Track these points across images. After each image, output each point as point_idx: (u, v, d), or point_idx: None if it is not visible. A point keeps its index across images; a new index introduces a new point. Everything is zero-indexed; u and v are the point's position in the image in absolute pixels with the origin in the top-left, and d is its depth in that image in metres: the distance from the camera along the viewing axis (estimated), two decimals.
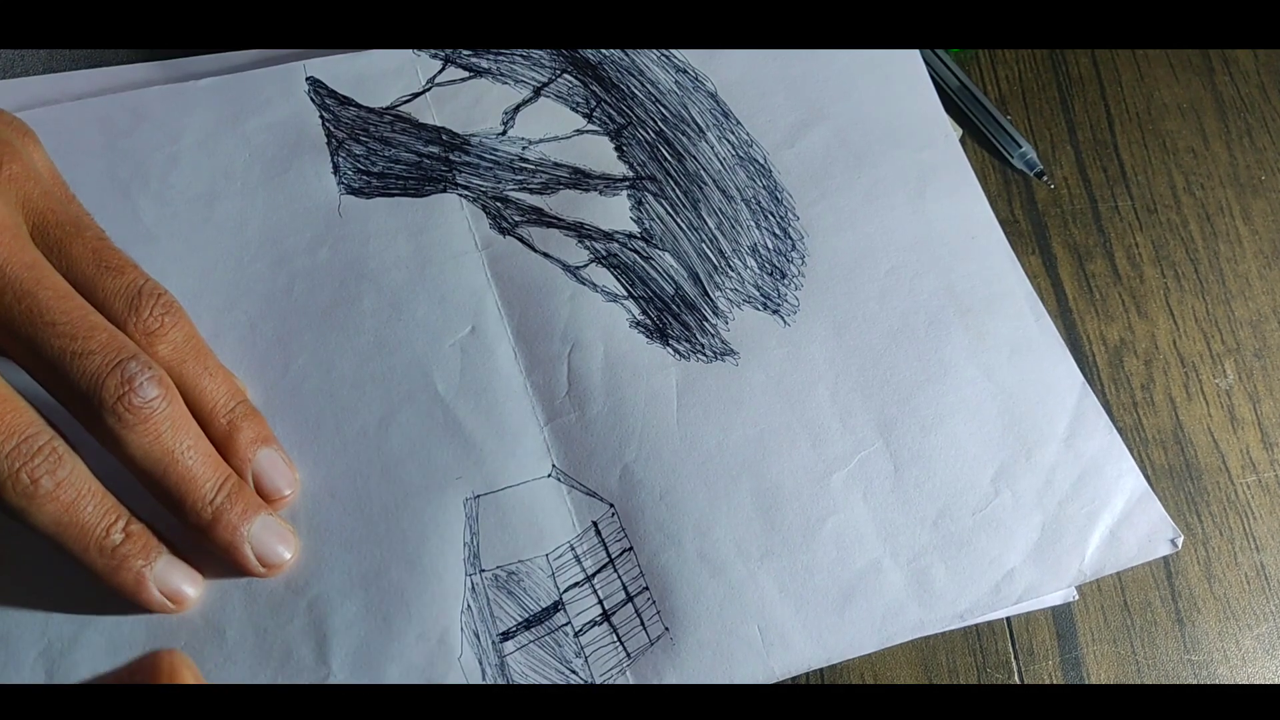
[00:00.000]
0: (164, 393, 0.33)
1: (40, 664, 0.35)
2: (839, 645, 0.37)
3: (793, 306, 0.43)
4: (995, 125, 0.47)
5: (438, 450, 0.39)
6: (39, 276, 0.32)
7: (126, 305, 0.34)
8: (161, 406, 0.32)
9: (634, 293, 0.42)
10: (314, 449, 0.38)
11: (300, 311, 0.40)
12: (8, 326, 0.31)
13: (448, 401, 0.40)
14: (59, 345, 0.31)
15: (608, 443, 0.39)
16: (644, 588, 0.37)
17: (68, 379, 0.31)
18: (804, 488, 0.39)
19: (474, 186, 0.44)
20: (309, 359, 0.40)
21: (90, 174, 0.42)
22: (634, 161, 0.45)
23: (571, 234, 0.43)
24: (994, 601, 0.38)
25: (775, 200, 0.45)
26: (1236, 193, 0.48)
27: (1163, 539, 0.39)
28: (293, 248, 0.41)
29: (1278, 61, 0.51)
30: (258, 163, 0.43)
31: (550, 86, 0.46)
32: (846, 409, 0.41)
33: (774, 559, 0.38)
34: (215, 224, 0.42)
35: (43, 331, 0.31)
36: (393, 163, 0.44)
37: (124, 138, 0.43)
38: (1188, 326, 0.45)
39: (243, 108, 0.44)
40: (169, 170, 0.43)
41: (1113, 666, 0.39)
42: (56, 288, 0.32)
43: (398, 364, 0.40)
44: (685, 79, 0.47)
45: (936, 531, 0.39)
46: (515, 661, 0.36)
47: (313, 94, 0.45)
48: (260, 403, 0.39)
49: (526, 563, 0.37)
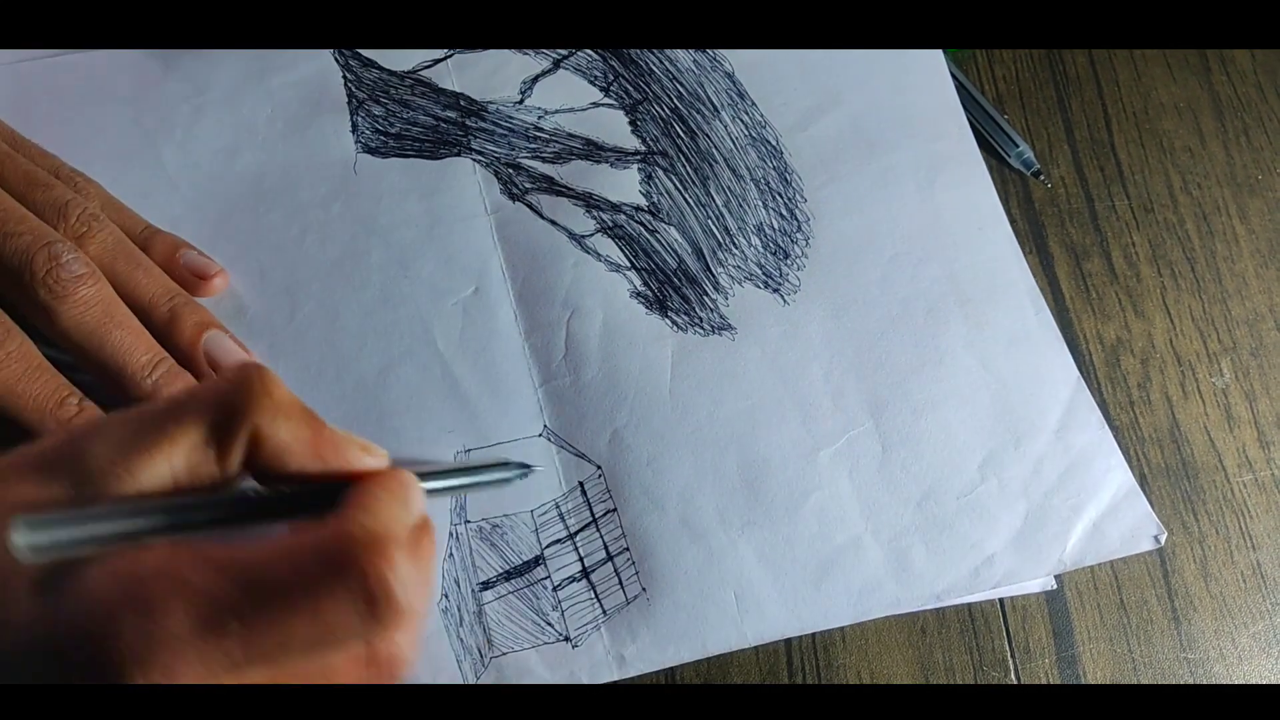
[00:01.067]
0: (91, 272, 0.36)
1: None
2: (813, 616, 0.38)
3: (793, 286, 0.43)
4: (992, 125, 0.48)
5: (434, 404, 0.40)
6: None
7: (55, 214, 0.37)
8: (91, 283, 0.36)
9: (637, 264, 0.43)
10: (313, 396, 0.40)
11: (310, 262, 0.42)
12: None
13: (447, 358, 0.41)
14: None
15: (600, 407, 0.40)
16: (624, 549, 0.38)
17: (1, 260, 0.34)
18: (791, 462, 0.40)
19: (488, 152, 0.45)
20: (315, 308, 0.41)
21: (118, 121, 0.44)
22: (647, 136, 0.46)
23: (580, 203, 0.44)
24: (972, 584, 0.38)
25: (784, 182, 0.46)
26: (1233, 192, 0.48)
27: (1146, 535, 0.39)
28: (307, 200, 0.43)
29: (1274, 61, 0.51)
30: (280, 118, 0.44)
31: (570, 60, 0.47)
32: (839, 389, 0.41)
33: (755, 529, 0.39)
34: (235, 174, 0.43)
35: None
36: (410, 125, 0.45)
37: (153, 88, 0.45)
38: (1184, 325, 0.45)
39: (269, 65, 0.46)
40: (194, 121, 0.44)
41: (1109, 664, 0.40)
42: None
43: (401, 319, 0.41)
44: (704, 58, 0.48)
45: (920, 513, 0.39)
46: (493, 610, 0.37)
47: (337, 55, 0.46)
48: (264, 348, 0.40)
49: (511, 517, 0.39)
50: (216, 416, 0.26)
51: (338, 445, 0.28)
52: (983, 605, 0.40)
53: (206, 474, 0.26)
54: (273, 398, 0.27)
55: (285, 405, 0.27)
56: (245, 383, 0.27)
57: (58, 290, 0.35)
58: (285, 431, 0.27)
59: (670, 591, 0.38)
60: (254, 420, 0.26)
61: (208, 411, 0.26)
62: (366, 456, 0.29)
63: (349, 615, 0.24)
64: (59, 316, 0.35)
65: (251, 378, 0.27)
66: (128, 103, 0.44)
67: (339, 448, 0.28)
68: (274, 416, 0.27)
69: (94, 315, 0.36)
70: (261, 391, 0.27)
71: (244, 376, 0.27)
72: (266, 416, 0.26)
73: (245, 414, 0.26)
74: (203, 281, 0.41)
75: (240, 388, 0.27)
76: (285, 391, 0.27)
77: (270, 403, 0.27)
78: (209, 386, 0.27)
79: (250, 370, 0.27)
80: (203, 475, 0.26)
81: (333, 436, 0.28)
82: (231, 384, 0.27)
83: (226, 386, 0.27)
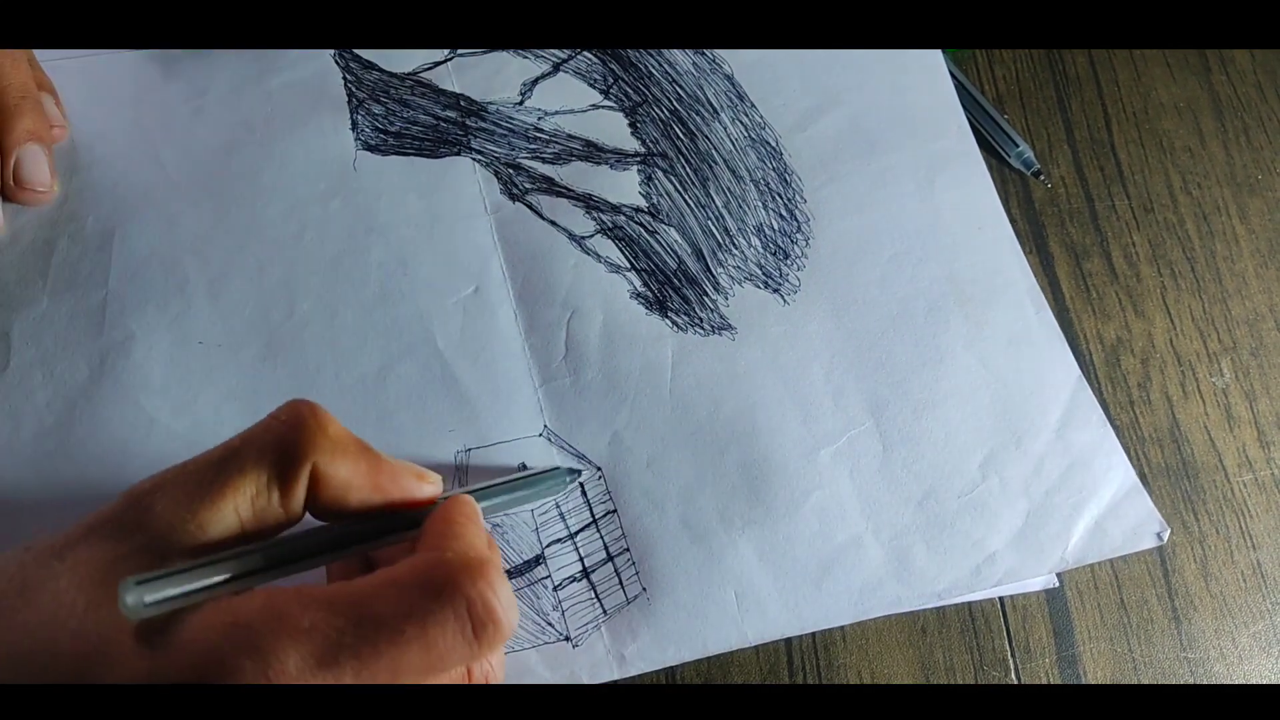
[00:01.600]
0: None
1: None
2: (814, 615, 0.38)
3: (793, 286, 0.43)
4: (992, 125, 0.48)
5: (433, 403, 0.40)
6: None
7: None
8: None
9: (637, 265, 0.44)
10: (312, 393, 0.40)
11: (308, 258, 0.42)
12: None
13: (447, 357, 0.41)
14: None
15: (600, 408, 0.40)
16: (625, 549, 0.38)
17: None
18: (791, 462, 0.40)
19: (488, 152, 0.45)
20: (314, 305, 0.41)
21: (119, 122, 0.44)
22: (647, 138, 0.46)
23: (580, 204, 0.44)
24: (973, 583, 0.38)
25: (784, 182, 0.46)
26: (1233, 192, 0.48)
27: (1149, 532, 0.39)
28: (305, 196, 0.43)
29: (1274, 61, 0.51)
30: (278, 116, 0.45)
31: (570, 62, 0.48)
32: (840, 388, 0.41)
33: (756, 529, 0.39)
34: (232, 172, 0.43)
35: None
36: (410, 124, 0.45)
37: (153, 91, 0.45)
38: (1184, 325, 0.45)
39: (269, 66, 0.46)
40: (193, 122, 0.44)
41: (1109, 664, 0.40)
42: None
43: (400, 317, 0.41)
44: (703, 60, 0.48)
45: (921, 512, 0.39)
46: None
47: (338, 57, 0.46)
48: (262, 344, 0.40)
49: (511, 516, 0.38)
50: (276, 459, 0.27)
51: (396, 476, 0.29)
52: (983, 605, 0.40)
53: (272, 517, 0.27)
54: (328, 435, 0.27)
55: (341, 442, 0.28)
56: (300, 423, 0.27)
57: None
58: (345, 469, 0.28)
59: (670, 591, 0.38)
60: (313, 460, 0.27)
61: (267, 455, 0.27)
62: (424, 485, 0.30)
63: (456, 640, 0.25)
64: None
65: (305, 416, 0.28)
66: (128, 105, 0.44)
67: (397, 478, 0.29)
68: (332, 455, 0.27)
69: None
70: (317, 429, 0.27)
71: (298, 416, 0.28)
72: (325, 456, 0.27)
73: (304, 455, 0.27)
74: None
75: (296, 428, 0.27)
76: (339, 427, 0.28)
77: (327, 441, 0.27)
78: (264, 430, 0.27)
79: (302, 409, 0.28)
80: (269, 519, 0.27)
81: (390, 468, 0.29)
82: (286, 425, 0.27)
83: (282, 428, 0.27)
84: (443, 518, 0.29)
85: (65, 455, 0.38)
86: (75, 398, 0.39)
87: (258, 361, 0.40)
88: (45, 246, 0.41)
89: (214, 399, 0.39)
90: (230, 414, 0.39)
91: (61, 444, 0.38)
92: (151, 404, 0.39)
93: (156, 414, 0.39)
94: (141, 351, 0.40)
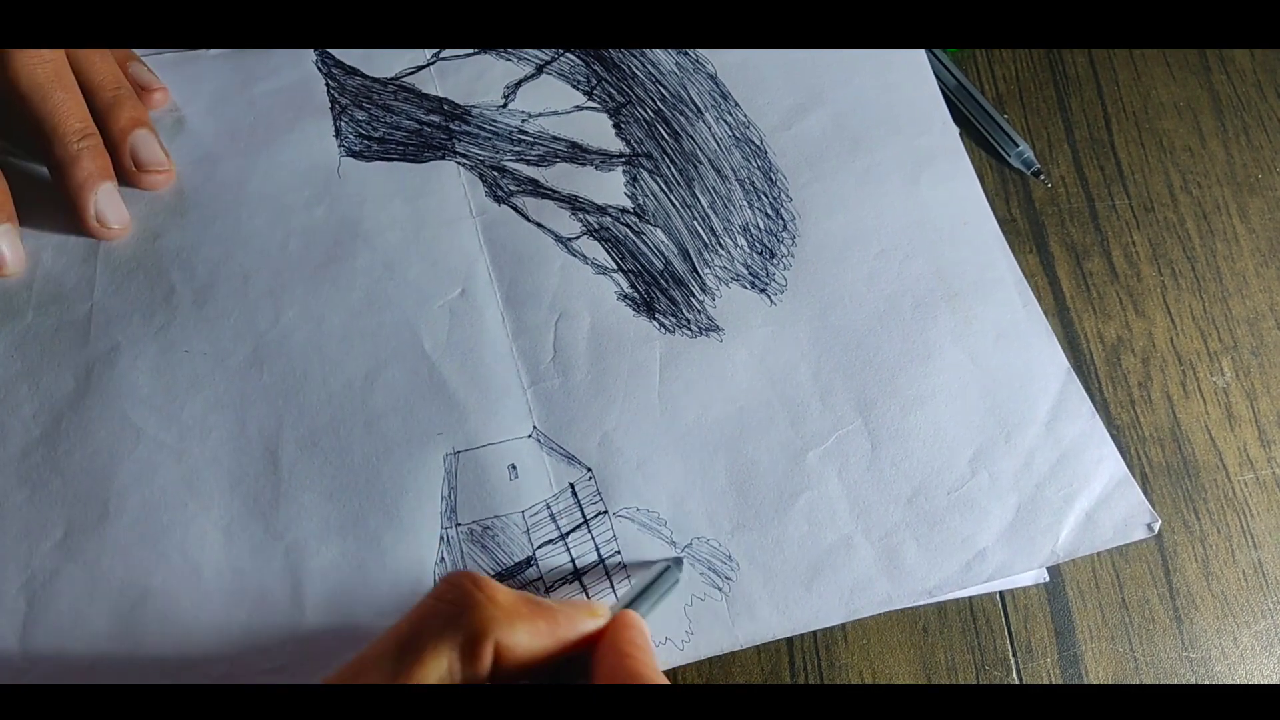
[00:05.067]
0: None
1: (22, 596, 0.37)
2: (804, 617, 0.38)
3: (780, 286, 0.44)
4: (992, 124, 0.49)
5: (421, 406, 0.41)
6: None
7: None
8: (47, 54, 0.40)
9: (623, 266, 0.44)
10: (300, 399, 0.41)
11: (294, 266, 0.43)
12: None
13: (434, 360, 0.42)
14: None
15: (589, 409, 0.41)
16: (616, 550, 0.39)
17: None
18: (780, 464, 0.41)
19: (472, 155, 0.46)
20: (299, 311, 0.42)
21: None
22: (631, 139, 0.47)
23: (565, 206, 0.45)
24: (964, 579, 0.39)
25: (769, 181, 0.47)
26: (1233, 191, 0.49)
27: (1139, 523, 0.40)
28: (290, 204, 0.44)
29: (1274, 61, 0.52)
30: (261, 124, 0.46)
31: (553, 64, 0.49)
32: (827, 388, 0.42)
33: (745, 531, 0.40)
34: (217, 182, 0.44)
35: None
36: (394, 129, 0.46)
37: None
38: (1185, 325, 0.46)
39: (251, 75, 0.47)
40: (175, 133, 0.46)
41: (1111, 664, 0.40)
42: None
43: (387, 321, 0.42)
44: (686, 60, 0.49)
45: (910, 509, 0.40)
46: None
47: (320, 63, 0.47)
48: (249, 352, 0.41)
49: (502, 518, 0.39)
50: (461, 639, 0.29)
51: (571, 621, 0.32)
52: (984, 605, 0.41)
53: (466, 679, 0.30)
54: (500, 606, 0.30)
55: (513, 610, 0.30)
56: (472, 601, 0.30)
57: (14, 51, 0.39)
58: (524, 636, 0.30)
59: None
60: (494, 637, 0.29)
61: (445, 640, 0.29)
62: (595, 620, 0.33)
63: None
64: (12, 61, 0.39)
65: (473, 594, 0.30)
66: None
67: (573, 623, 0.32)
68: (510, 627, 0.30)
69: (45, 72, 0.40)
70: (488, 603, 0.30)
71: (467, 595, 0.30)
72: (504, 629, 0.30)
73: (485, 634, 0.29)
74: (145, 93, 0.45)
75: (469, 607, 0.30)
76: (508, 593, 0.31)
77: (501, 613, 0.30)
78: (431, 614, 0.30)
79: (466, 585, 0.30)
80: (462, 681, 0.30)
81: (565, 616, 0.32)
82: (455, 605, 0.30)
83: (450, 610, 0.30)
84: (633, 649, 0.32)
85: (53, 467, 0.39)
86: (62, 410, 0.40)
87: (245, 369, 0.41)
88: (30, 259, 0.42)
89: (201, 408, 0.40)
90: (217, 423, 0.40)
91: (49, 456, 0.39)
92: (138, 414, 0.40)
93: (143, 424, 0.40)
94: (127, 362, 0.41)
